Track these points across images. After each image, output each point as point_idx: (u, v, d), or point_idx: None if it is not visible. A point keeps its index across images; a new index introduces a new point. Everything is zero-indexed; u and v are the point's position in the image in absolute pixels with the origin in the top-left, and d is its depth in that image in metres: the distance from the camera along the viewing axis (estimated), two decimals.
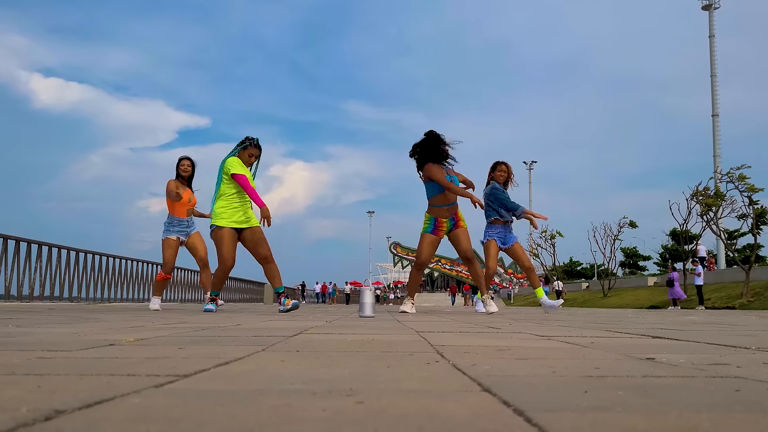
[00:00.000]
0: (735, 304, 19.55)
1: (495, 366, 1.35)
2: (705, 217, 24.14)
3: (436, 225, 6.64)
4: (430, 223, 6.66)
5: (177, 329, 2.76)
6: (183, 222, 7.26)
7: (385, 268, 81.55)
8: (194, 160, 7.44)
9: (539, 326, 3.54)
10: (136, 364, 1.34)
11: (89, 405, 0.83)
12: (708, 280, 25.60)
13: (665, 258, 44.51)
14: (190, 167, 7.35)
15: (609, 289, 32.10)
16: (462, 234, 6.67)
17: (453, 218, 6.64)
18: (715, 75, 39.93)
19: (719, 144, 38.89)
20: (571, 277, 53.48)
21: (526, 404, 0.86)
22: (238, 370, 1.24)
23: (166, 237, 7.22)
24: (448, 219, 6.62)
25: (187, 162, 7.35)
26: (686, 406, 0.87)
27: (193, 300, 19.30)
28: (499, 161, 7.40)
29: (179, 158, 7.41)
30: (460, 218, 6.68)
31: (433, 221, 6.64)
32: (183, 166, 7.31)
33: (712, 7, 40.45)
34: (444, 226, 6.64)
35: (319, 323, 3.64)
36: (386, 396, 0.92)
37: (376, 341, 2.10)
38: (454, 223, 6.65)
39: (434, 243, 6.71)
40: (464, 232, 6.69)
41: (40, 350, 1.64)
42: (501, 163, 7.39)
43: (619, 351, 1.80)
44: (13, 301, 10.91)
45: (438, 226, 6.64)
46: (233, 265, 6.09)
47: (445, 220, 6.62)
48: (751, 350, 1.91)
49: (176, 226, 7.24)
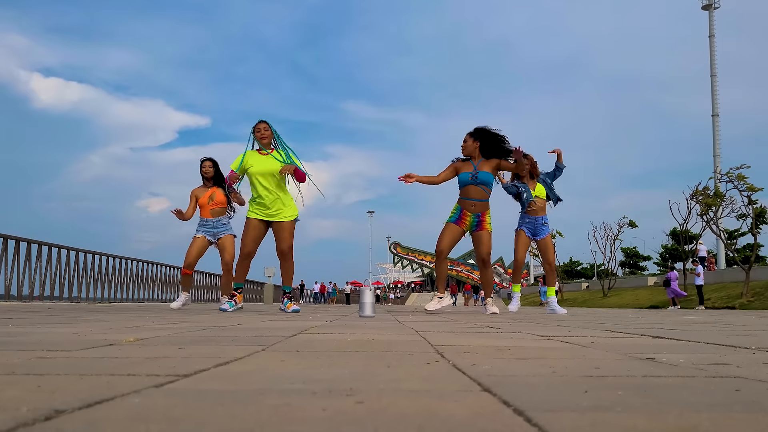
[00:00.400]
0: (735, 303, 19.54)
1: (495, 366, 1.35)
2: (705, 217, 24.15)
3: (460, 216, 6.56)
4: (455, 212, 6.60)
5: (177, 329, 2.76)
6: (208, 222, 7.43)
7: (385, 268, 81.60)
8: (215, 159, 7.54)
9: (539, 326, 3.54)
10: (136, 364, 1.34)
11: (89, 405, 0.83)
12: (708, 280, 25.62)
13: (665, 258, 44.51)
14: (211, 167, 7.48)
15: (609, 289, 32.10)
16: (484, 236, 6.57)
17: (479, 216, 6.54)
18: (715, 75, 39.94)
19: (719, 144, 38.92)
20: (571, 276, 53.47)
21: (526, 404, 0.86)
22: (238, 370, 1.24)
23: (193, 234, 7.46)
24: (473, 215, 6.52)
25: (207, 163, 7.51)
26: (686, 405, 0.87)
27: (197, 300, 19.32)
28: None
29: (200, 160, 7.58)
30: (485, 220, 6.57)
31: (459, 211, 6.58)
32: (204, 168, 7.50)
33: (712, 7, 40.46)
34: (467, 220, 6.54)
35: (319, 323, 3.64)
36: (386, 396, 0.92)
37: (376, 341, 2.10)
38: (478, 221, 6.54)
39: (454, 233, 6.59)
40: (486, 235, 6.58)
41: (40, 350, 1.64)
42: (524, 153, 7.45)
43: (619, 351, 1.80)
44: (13, 301, 10.92)
45: (462, 218, 6.55)
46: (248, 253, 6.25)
47: (470, 214, 6.54)
48: (751, 350, 1.91)
49: (202, 226, 7.45)
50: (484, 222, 6.55)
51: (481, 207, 6.53)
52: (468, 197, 6.53)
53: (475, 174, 6.50)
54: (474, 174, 6.50)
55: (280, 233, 6.24)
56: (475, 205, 6.52)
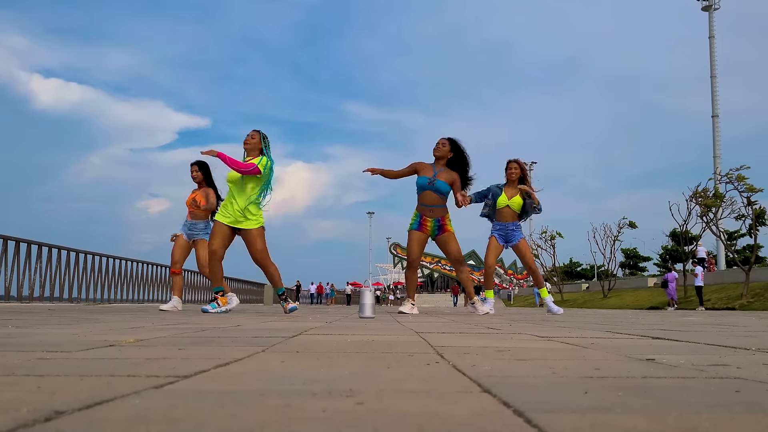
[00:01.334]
0: (735, 304, 19.54)
1: (495, 367, 1.35)
2: (705, 218, 24.14)
3: (421, 222, 6.71)
4: (415, 218, 6.76)
5: (177, 330, 2.76)
6: (186, 223, 7.55)
7: (385, 269, 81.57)
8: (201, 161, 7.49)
9: (539, 327, 3.54)
10: (136, 365, 1.34)
11: (89, 406, 0.83)
12: (708, 280, 25.64)
13: (665, 259, 44.49)
14: (196, 171, 7.49)
15: (609, 289, 32.10)
16: (449, 238, 6.75)
17: (439, 221, 6.67)
18: (714, 76, 39.92)
19: (719, 145, 38.89)
20: (571, 277, 53.46)
21: (526, 405, 0.86)
22: (238, 371, 1.24)
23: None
24: (433, 220, 6.66)
25: (193, 168, 7.52)
26: (686, 407, 0.87)
27: (192, 301, 19.32)
28: (510, 159, 7.47)
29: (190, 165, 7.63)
30: (446, 223, 6.72)
31: (419, 217, 6.73)
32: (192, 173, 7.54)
33: (711, 8, 40.45)
34: (428, 225, 6.68)
35: (319, 324, 3.64)
36: (386, 397, 0.92)
37: (376, 342, 2.10)
38: (439, 225, 6.68)
39: (421, 240, 6.76)
40: (451, 237, 6.75)
41: (40, 351, 1.64)
42: (511, 161, 7.45)
43: (619, 352, 1.80)
44: (13, 302, 10.91)
45: (423, 223, 6.70)
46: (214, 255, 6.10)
47: (430, 219, 6.66)
48: (751, 351, 1.91)
49: (182, 225, 7.57)
50: (445, 225, 6.72)
51: (440, 212, 6.71)
52: (425, 203, 6.70)
53: (433, 180, 6.65)
54: (432, 180, 6.65)
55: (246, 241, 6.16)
56: (432, 210, 6.69)
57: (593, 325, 4.08)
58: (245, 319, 4.44)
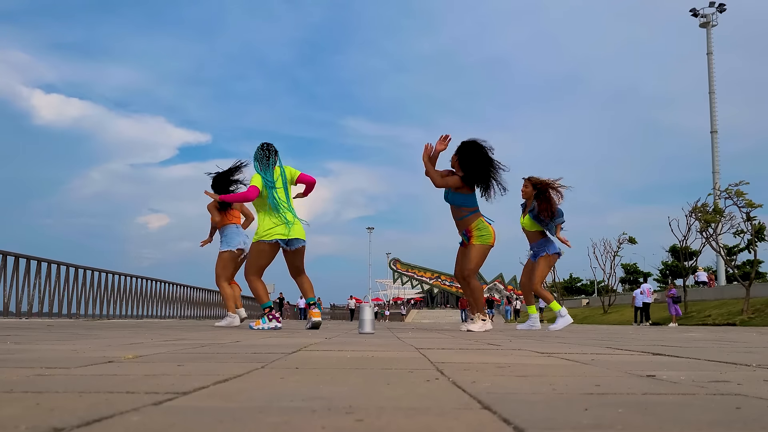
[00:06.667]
0: (735, 320, 19.47)
1: (495, 383, 1.35)
2: (704, 233, 24.13)
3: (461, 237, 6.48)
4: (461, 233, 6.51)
5: (176, 346, 2.75)
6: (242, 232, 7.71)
7: (385, 285, 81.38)
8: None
9: (539, 343, 3.53)
10: (135, 381, 1.33)
11: (88, 423, 0.82)
12: (708, 296, 25.66)
13: (665, 274, 44.39)
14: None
15: (609, 305, 32.02)
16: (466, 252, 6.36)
17: (465, 233, 6.35)
18: (713, 92, 40.08)
19: (718, 160, 38.95)
20: (571, 293, 53.31)
21: (526, 422, 0.85)
22: (237, 388, 1.23)
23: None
24: (462, 233, 6.38)
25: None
26: (687, 423, 0.86)
27: (192, 317, 19.26)
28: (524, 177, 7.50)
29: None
30: (473, 235, 6.31)
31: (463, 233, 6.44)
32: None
33: (709, 25, 40.69)
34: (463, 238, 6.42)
35: (319, 340, 3.62)
36: (386, 413, 0.92)
37: (375, 358, 2.10)
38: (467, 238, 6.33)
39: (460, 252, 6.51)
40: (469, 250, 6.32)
41: (38, 367, 1.64)
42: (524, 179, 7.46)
43: (619, 368, 1.79)
44: (12, 318, 10.87)
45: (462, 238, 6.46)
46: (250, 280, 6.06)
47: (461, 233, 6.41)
48: (752, 367, 1.90)
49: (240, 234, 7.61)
50: (471, 237, 6.31)
51: (462, 225, 6.36)
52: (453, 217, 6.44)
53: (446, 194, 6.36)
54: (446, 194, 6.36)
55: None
56: (457, 224, 6.41)
57: (593, 341, 4.06)
58: (244, 335, 4.42)
